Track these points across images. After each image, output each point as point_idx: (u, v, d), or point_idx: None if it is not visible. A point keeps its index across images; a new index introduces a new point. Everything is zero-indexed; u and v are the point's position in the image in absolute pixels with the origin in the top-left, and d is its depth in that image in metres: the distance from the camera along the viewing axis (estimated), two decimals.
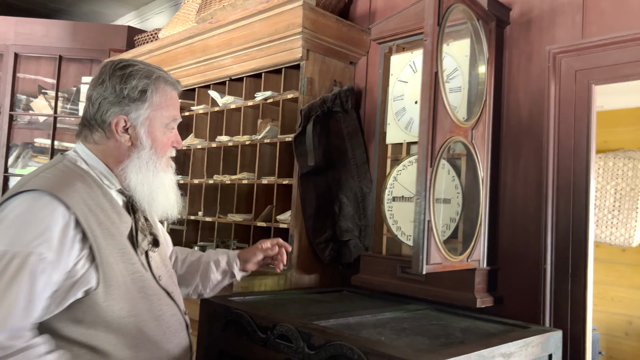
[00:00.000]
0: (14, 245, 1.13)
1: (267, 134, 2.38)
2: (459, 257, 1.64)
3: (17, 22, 3.52)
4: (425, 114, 1.48)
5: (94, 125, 1.34)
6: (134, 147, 1.35)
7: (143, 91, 1.33)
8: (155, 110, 1.36)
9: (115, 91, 1.32)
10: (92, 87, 1.36)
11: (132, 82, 1.32)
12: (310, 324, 1.47)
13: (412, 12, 2.01)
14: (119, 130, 1.33)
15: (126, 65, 1.35)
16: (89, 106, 1.35)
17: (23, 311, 1.12)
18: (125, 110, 1.32)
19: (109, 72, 1.34)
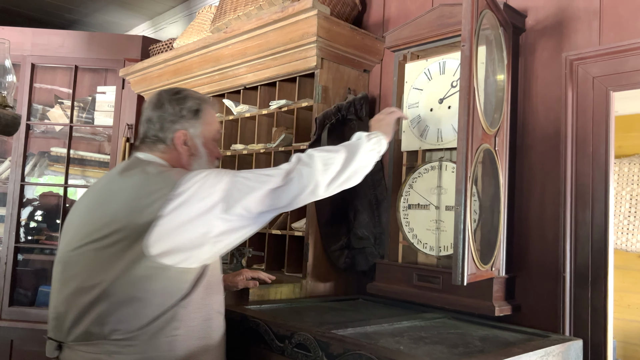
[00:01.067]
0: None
1: (281, 142, 2.39)
2: (487, 266, 1.63)
3: (33, 33, 3.57)
4: (463, 121, 1.47)
5: (156, 141, 1.57)
6: (193, 156, 1.59)
7: (197, 110, 1.59)
8: (206, 126, 1.61)
9: (175, 111, 1.57)
10: (151, 109, 1.59)
11: (188, 103, 1.59)
12: (328, 332, 1.47)
13: (427, 20, 2.01)
14: (180, 143, 1.56)
15: (179, 90, 1.62)
16: (149, 125, 1.58)
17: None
18: (185, 126, 1.57)
19: (166, 97, 1.59)
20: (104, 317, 1.36)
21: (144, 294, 1.35)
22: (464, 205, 1.44)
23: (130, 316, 1.36)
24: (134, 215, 1.37)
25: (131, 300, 1.35)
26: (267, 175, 1.44)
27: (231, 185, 1.40)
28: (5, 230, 3.46)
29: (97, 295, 1.36)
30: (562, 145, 1.76)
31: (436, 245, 1.91)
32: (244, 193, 1.40)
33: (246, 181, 1.41)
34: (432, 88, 2.00)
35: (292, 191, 1.45)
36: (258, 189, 1.41)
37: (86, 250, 1.41)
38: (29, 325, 3.34)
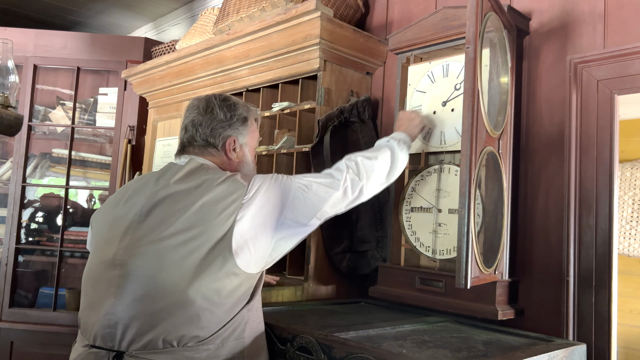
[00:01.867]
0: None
1: (284, 145, 2.38)
2: (490, 269, 1.62)
3: (36, 34, 3.57)
4: (468, 123, 1.46)
5: (205, 145, 1.57)
6: (241, 163, 1.63)
7: (245, 118, 1.62)
8: (251, 134, 1.65)
9: (227, 117, 1.59)
10: (200, 115, 1.58)
11: (238, 110, 1.61)
12: (330, 335, 1.46)
13: (430, 22, 2.01)
14: (230, 149, 1.59)
15: (228, 97, 1.64)
16: (196, 130, 1.57)
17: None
18: (235, 132, 1.60)
19: (216, 103, 1.60)
20: (183, 323, 1.31)
21: (222, 298, 1.36)
22: (468, 208, 1.43)
23: (209, 321, 1.34)
24: (211, 219, 1.36)
25: (211, 305, 1.34)
26: (328, 187, 1.52)
27: (295, 194, 1.46)
28: (6, 232, 3.45)
29: (177, 301, 1.31)
30: (566, 148, 1.76)
31: (439, 249, 1.90)
32: (306, 203, 1.47)
33: (308, 192, 1.48)
34: (436, 91, 2.00)
35: (344, 202, 1.55)
36: (321, 201, 1.49)
37: (159, 255, 1.35)
38: (29, 326, 3.33)
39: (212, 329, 1.35)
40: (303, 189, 1.47)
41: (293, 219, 1.44)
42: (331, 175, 1.56)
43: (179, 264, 1.33)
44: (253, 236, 1.38)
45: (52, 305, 3.41)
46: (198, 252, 1.34)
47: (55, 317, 3.36)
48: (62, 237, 3.44)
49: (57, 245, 3.45)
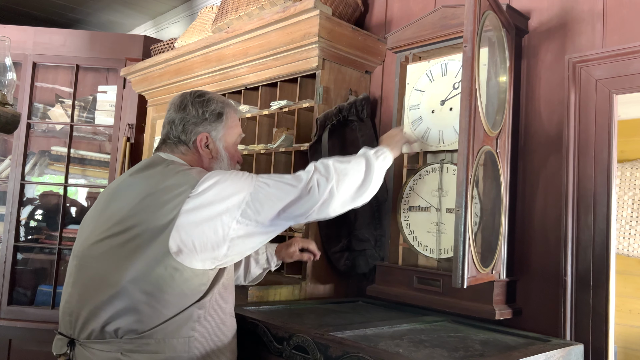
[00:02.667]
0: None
1: (282, 143, 2.38)
2: (487, 269, 1.61)
3: (35, 31, 3.56)
4: (465, 122, 1.46)
5: (177, 143, 1.58)
6: (215, 159, 1.60)
7: (220, 114, 1.60)
8: (228, 129, 1.62)
9: (198, 113, 1.57)
10: (175, 112, 1.60)
11: (212, 106, 1.59)
12: (327, 335, 1.46)
13: (429, 21, 2.00)
14: (202, 146, 1.57)
15: (203, 93, 1.63)
16: (171, 127, 1.59)
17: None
18: (207, 129, 1.58)
19: (190, 99, 1.60)
20: (120, 315, 1.35)
21: (163, 293, 1.35)
22: (465, 207, 1.42)
23: (148, 315, 1.35)
24: (153, 211, 1.37)
25: (149, 298, 1.35)
26: (289, 185, 1.45)
27: (253, 191, 1.41)
28: (5, 230, 3.45)
29: (114, 292, 1.35)
30: (564, 148, 1.75)
31: (437, 248, 1.90)
32: (264, 200, 1.41)
33: (268, 188, 1.42)
34: (434, 90, 1.99)
35: (309, 203, 1.46)
36: (279, 199, 1.42)
37: (104, 245, 1.40)
38: (27, 324, 3.33)
39: (151, 323, 1.36)
40: (262, 186, 1.42)
41: (250, 217, 1.39)
42: (298, 175, 1.50)
43: (117, 255, 1.37)
44: (199, 232, 1.35)
45: (50, 303, 3.41)
46: (134, 243, 1.36)
47: (54, 315, 3.35)
48: (61, 234, 3.44)
49: (56, 243, 3.44)
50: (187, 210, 1.35)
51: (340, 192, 1.50)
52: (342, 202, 1.53)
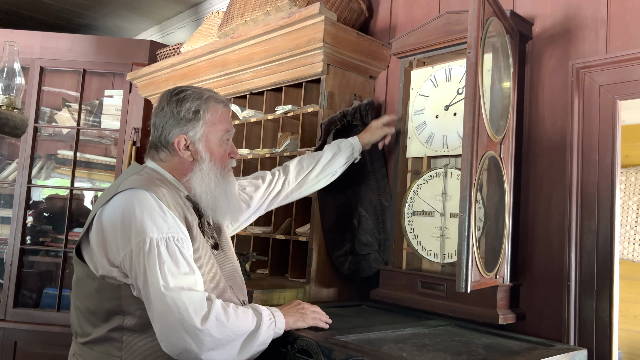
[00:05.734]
0: (155, 233, 1.34)
1: (287, 147, 2.39)
2: (491, 273, 1.62)
3: (43, 36, 3.60)
4: (468, 127, 1.46)
5: (160, 146, 1.53)
6: (195, 161, 1.52)
7: (197, 111, 1.51)
8: (209, 127, 1.53)
9: (174, 115, 1.50)
10: (155, 114, 1.55)
11: (186, 104, 1.50)
12: (331, 338, 1.47)
13: (433, 26, 2.02)
14: (181, 148, 1.51)
15: (180, 91, 1.53)
16: (154, 131, 1.54)
17: (198, 281, 1.36)
18: (184, 129, 1.50)
19: (166, 99, 1.53)
20: (71, 317, 1.50)
21: (88, 302, 1.45)
22: (468, 212, 1.43)
23: (80, 325, 1.47)
24: (90, 216, 1.47)
25: (82, 305, 1.47)
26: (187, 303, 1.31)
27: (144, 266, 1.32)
28: (11, 232, 3.47)
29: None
30: (568, 153, 1.76)
31: (440, 252, 1.91)
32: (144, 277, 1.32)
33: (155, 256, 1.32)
34: (438, 95, 2.00)
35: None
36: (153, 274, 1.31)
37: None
38: (33, 327, 3.35)
39: (84, 333, 1.44)
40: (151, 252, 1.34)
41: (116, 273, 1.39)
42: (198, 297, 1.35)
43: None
44: (97, 244, 1.41)
45: (55, 306, 3.43)
46: (77, 243, 1.48)
47: (59, 318, 3.37)
48: (67, 238, 3.46)
49: (62, 246, 3.47)
50: (95, 224, 1.42)
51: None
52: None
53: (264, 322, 1.41)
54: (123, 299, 1.37)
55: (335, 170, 1.99)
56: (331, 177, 2.00)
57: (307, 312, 1.59)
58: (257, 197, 1.88)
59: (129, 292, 1.37)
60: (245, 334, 1.37)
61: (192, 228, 1.45)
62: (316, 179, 1.97)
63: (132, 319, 1.37)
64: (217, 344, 1.31)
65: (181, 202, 1.47)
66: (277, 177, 1.93)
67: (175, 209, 1.42)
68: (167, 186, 1.47)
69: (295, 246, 2.30)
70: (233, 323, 1.34)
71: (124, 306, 1.37)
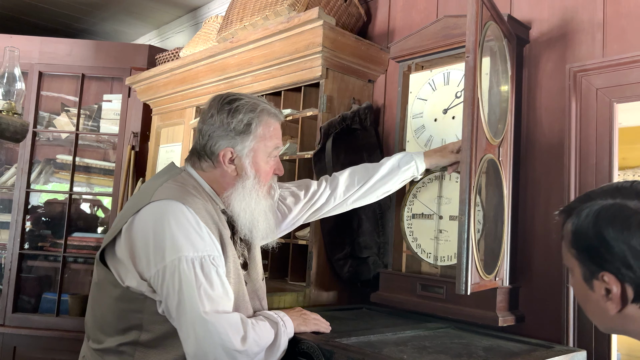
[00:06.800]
0: (191, 252, 1.29)
1: (286, 151, 2.40)
2: (490, 276, 1.63)
3: (41, 41, 3.61)
4: (467, 131, 1.48)
5: (203, 155, 1.46)
6: (239, 176, 1.45)
7: (248, 124, 1.43)
8: (259, 142, 1.46)
9: (223, 125, 1.43)
10: (202, 120, 1.47)
11: (239, 116, 1.43)
12: (332, 341, 1.47)
13: (431, 31, 2.03)
14: (226, 161, 1.44)
15: (233, 99, 1.45)
16: (199, 138, 1.47)
17: (229, 302, 1.33)
18: (232, 142, 1.43)
19: (217, 106, 1.45)
20: (87, 321, 1.48)
21: (106, 310, 1.42)
22: (468, 215, 1.44)
23: (96, 333, 1.44)
24: (115, 224, 1.42)
25: (100, 313, 1.44)
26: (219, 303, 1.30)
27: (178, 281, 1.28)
28: (10, 237, 3.47)
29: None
30: (565, 156, 1.77)
31: (440, 255, 1.92)
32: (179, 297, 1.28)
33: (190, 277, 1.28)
34: (437, 98, 2.02)
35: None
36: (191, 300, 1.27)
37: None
38: (32, 332, 3.35)
39: (97, 339, 1.41)
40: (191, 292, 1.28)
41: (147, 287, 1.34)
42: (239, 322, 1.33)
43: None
44: (125, 254, 1.35)
45: (55, 311, 3.42)
46: (102, 246, 1.42)
47: (58, 323, 3.37)
48: (66, 242, 3.46)
49: (61, 251, 3.47)
50: (125, 231, 1.36)
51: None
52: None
53: (280, 330, 1.42)
54: (145, 313, 1.33)
55: (387, 190, 1.83)
56: (383, 196, 1.85)
57: (309, 317, 1.59)
58: (295, 210, 1.76)
59: (153, 307, 1.33)
60: (268, 345, 1.37)
61: (225, 244, 1.40)
62: (366, 194, 1.81)
63: (149, 334, 1.34)
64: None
65: (216, 215, 1.41)
66: (323, 189, 1.79)
67: (210, 223, 1.37)
68: (202, 197, 1.41)
69: (294, 249, 2.31)
70: (263, 339, 1.35)
71: (144, 320, 1.33)
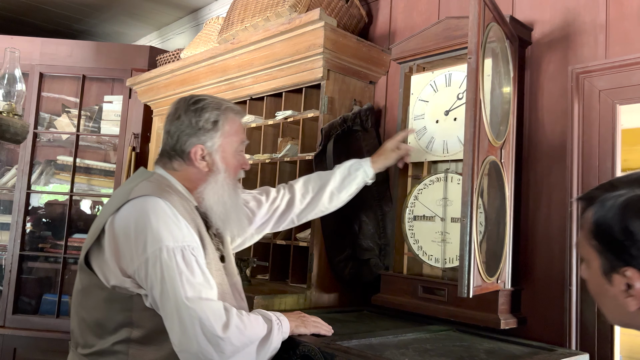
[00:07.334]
0: (171, 242, 1.33)
1: (287, 153, 2.40)
2: (492, 278, 1.62)
3: (42, 42, 3.61)
4: (470, 132, 1.47)
5: (173, 155, 1.51)
6: (211, 171, 1.51)
7: (215, 122, 1.50)
8: (226, 138, 1.52)
9: (192, 124, 1.48)
10: (169, 122, 1.52)
11: (205, 114, 1.49)
12: (333, 344, 1.46)
13: (433, 32, 2.03)
14: (197, 158, 1.49)
15: (198, 100, 1.52)
16: (167, 138, 1.52)
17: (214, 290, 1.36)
18: (201, 139, 1.49)
19: (183, 107, 1.51)
20: (73, 328, 1.49)
21: (95, 312, 1.44)
22: (470, 217, 1.44)
23: (84, 337, 1.46)
24: (95, 225, 1.44)
25: (87, 316, 1.45)
26: (205, 293, 1.33)
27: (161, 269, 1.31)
28: (11, 238, 3.47)
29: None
30: (568, 158, 1.76)
31: (441, 257, 1.91)
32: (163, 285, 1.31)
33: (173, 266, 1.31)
34: (438, 100, 2.01)
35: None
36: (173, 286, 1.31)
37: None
38: (32, 333, 3.34)
39: (87, 344, 1.42)
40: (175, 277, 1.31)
41: (132, 283, 1.37)
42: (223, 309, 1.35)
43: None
44: (110, 253, 1.37)
45: (55, 312, 3.42)
46: (82, 252, 1.44)
47: (58, 324, 3.36)
48: (66, 244, 3.45)
49: (61, 252, 3.46)
50: (107, 231, 1.39)
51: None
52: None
53: (274, 327, 1.43)
54: (134, 310, 1.36)
55: (345, 198, 1.93)
56: (342, 204, 1.95)
57: (309, 319, 1.59)
58: (260, 213, 1.84)
59: (141, 303, 1.36)
60: (259, 340, 1.38)
61: (203, 238, 1.45)
62: (327, 205, 1.91)
63: (140, 331, 1.36)
64: (235, 352, 1.32)
65: (192, 212, 1.46)
66: (282, 194, 1.88)
67: (188, 217, 1.42)
68: (177, 195, 1.46)
69: (295, 251, 2.30)
70: (249, 330, 1.36)
71: (134, 318, 1.36)
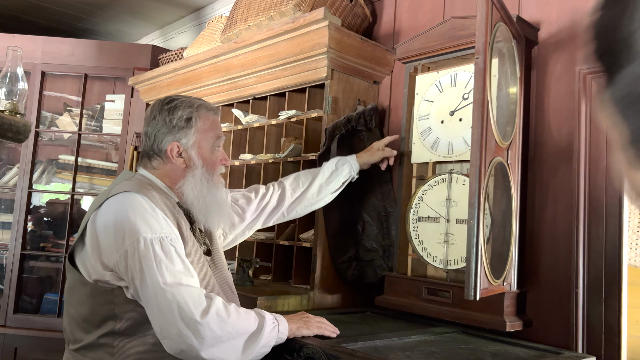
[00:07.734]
0: (149, 233, 1.36)
1: (290, 153, 2.38)
2: (498, 280, 1.60)
3: (44, 41, 3.59)
4: (477, 133, 1.46)
5: (152, 154, 1.56)
6: (188, 167, 1.55)
7: (188, 119, 1.55)
8: (201, 134, 1.56)
9: (166, 123, 1.53)
10: (147, 124, 1.57)
11: (178, 112, 1.54)
12: (337, 346, 1.45)
13: (438, 32, 2.01)
14: (174, 155, 1.54)
15: (171, 100, 1.57)
16: (145, 140, 1.57)
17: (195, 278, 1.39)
18: (176, 137, 1.54)
19: (157, 108, 1.56)
20: (66, 325, 1.52)
21: (80, 308, 1.47)
22: (477, 219, 1.42)
23: (72, 332, 1.49)
24: (82, 224, 1.49)
25: (75, 312, 1.48)
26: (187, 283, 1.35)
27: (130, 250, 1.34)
28: (12, 237, 3.46)
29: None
30: (575, 159, 1.75)
31: (446, 259, 1.89)
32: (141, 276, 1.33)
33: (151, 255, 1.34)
34: (443, 100, 1.99)
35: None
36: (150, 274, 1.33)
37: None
38: (33, 332, 3.33)
39: (76, 340, 1.45)
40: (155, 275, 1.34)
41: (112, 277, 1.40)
42: (204, 297, 1.37)
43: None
44: (91, 249, 1.41)
45: (56, 312, 3.41)
46: (69, 251, 1.49)
47: (60, 323, 3.34)
48: (67, 243, 3.44)
49: (62, 251, 3.45)
50: (89, 230, 1.43)
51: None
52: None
53: (267, 325, 1.42)
54: (116, 303, 1.39)
55: (333, 190, 2.00)
56: (330, 196, 2.02)
57: (312, 320, 1.58)
58: (250, 210, 1.89)
59: (122, 295, 1.39)
60: (247, 334, 1.38)
61: (183, 231, 1.47)
62: (317, 197, 1.98)
63: (123, 322, 1.39)
64: (217, 340, 1.32)
65: (172, 208, 1.50)
66: (272, 191, 1.95)
67: (166, 211, 1.45)
68: (157, 192, 1.50)
69: (298, 252, 2.28)
70: (234, 320, 1.35)
71: (117, 310, 1.39)
